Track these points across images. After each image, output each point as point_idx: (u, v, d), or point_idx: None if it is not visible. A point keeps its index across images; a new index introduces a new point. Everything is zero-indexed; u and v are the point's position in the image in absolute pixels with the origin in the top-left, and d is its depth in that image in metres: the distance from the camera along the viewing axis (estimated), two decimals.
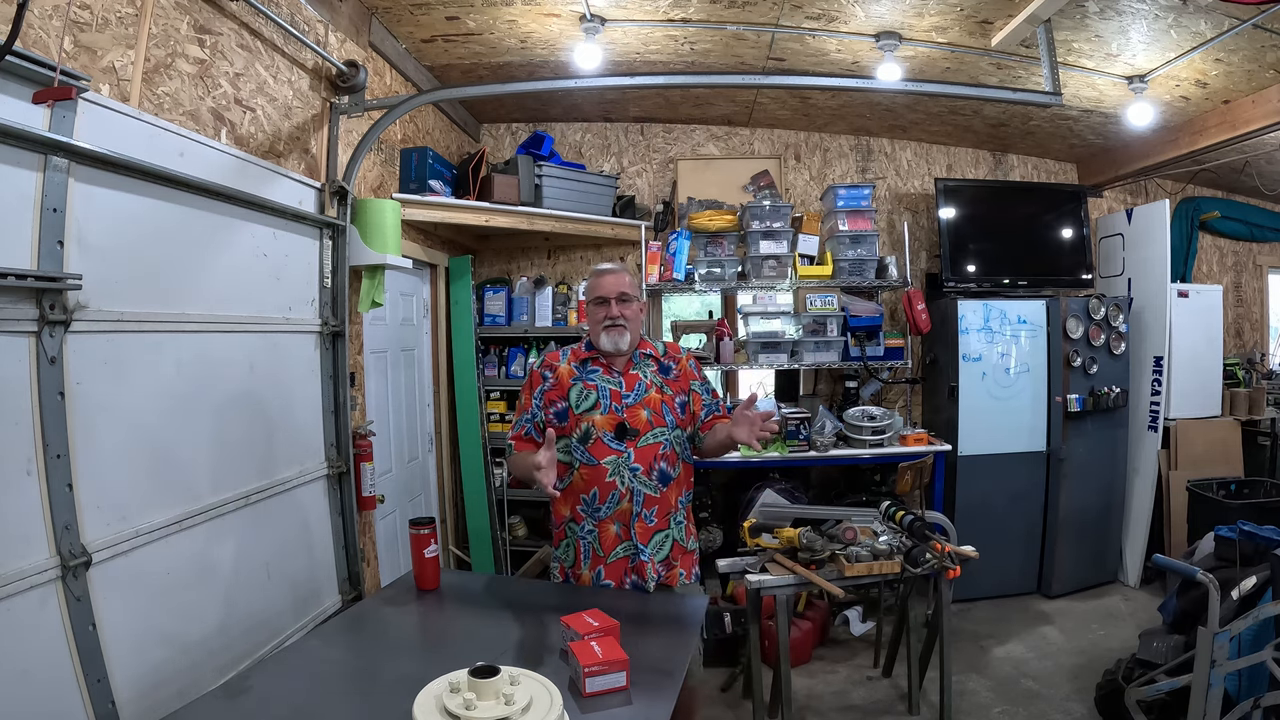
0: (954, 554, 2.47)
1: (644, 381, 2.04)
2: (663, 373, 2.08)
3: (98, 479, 1.61)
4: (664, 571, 2.02)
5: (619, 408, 2.00)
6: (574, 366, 2.06)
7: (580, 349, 2.10)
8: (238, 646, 2.04)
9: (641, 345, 2.10)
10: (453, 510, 4.05)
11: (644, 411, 2.01)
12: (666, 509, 2.02)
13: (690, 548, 2.10)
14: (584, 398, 2.02)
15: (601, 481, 1.97)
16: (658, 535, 2.02)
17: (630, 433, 1.98)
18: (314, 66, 2.53)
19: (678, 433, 2.06)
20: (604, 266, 2.14)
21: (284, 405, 2.35)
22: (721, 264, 3.99)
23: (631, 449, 1.98)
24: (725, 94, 3.95)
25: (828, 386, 4.42)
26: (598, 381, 2.03)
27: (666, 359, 2.11)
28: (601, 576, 2.00)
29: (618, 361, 2.05)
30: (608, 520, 1.99)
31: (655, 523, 2.01)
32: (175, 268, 1.89)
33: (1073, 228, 4.35)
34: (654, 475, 2.00)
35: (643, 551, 1.98)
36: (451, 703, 1.22)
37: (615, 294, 2.03)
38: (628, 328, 2.02)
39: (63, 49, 1.53)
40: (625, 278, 2.09)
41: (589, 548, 2.01)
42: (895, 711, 2.88)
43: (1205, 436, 4.09)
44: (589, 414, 2.00)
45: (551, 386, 2.05)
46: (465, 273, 3.95)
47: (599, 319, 2.03)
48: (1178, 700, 2.21)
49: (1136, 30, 2.87)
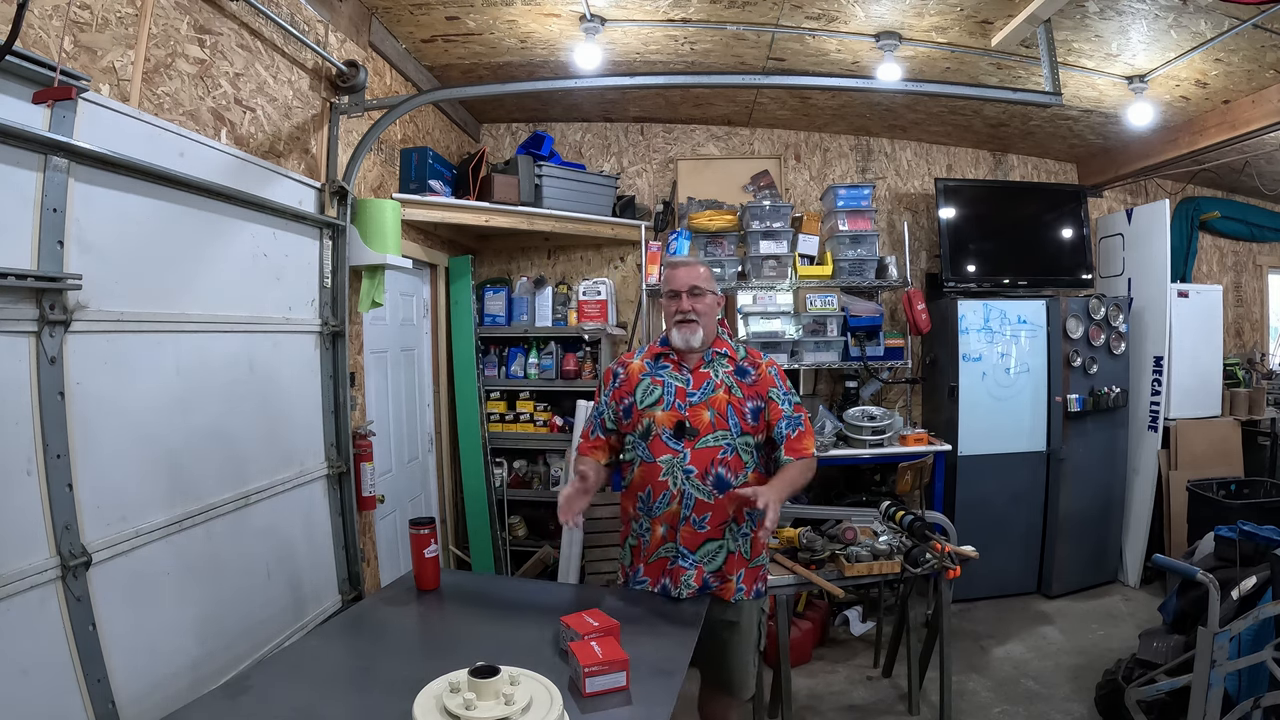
0: (954, 554, 2.47)
1: (714, 381, 1.95)
2: (738, 375, 1.98)
3: (98, 479, 1.61)
4: (716, 583, 1.93)
5: (682, 405, 1.93)
6: (645, 363, 2.02)
7: (655, 345, 2.05)
8: (238, 646, 2.03)
9: (717, 344, 2.01)
10: (453, 510, 4.05)
11: (707, 412, 1.92)
12: (722, 517, 1.91)
13: (756, 562, 2.00)
14: (649, 393, 1.97)
15: (655, 480, 1.92)
16: (709, 544, 1.92)
17: (690, 432, 1.91)
18: (314, 66, 2.53)
19: (745, 439, 1.94)
20: (678, 258, 2.04)
21: (284, 405, 2.35)
22: (721, 264, 3.99)
23: (689, 449, 1.90)
24: (725, 94, 3.95)
25: (828, 386, 4.42)
26: (665, 377, 1.97)
27: (746, 362, 2.01)
28: (640, 574, 1.97)
29: (689, 359, 1.98)
30: (657, 520, 1.94)
31: (707, 530, 1.91)
32: (175, 268, 1.89)
33: (1073, 228, 4.35)
34: (709, 480, 1.90)
35: (685, 557, 1.90)
36: (451, 703, 1.22)
37: (687, 287, 1.95)
38: (700, 323, 1.94)
39: (63, 49, 1.53)
40: (699, 270, 1.98)
41: (642, 546, 1.97)
42: (895, 711, 2.88)
43: (1205, 436, 4.09)
44: (651, 409, 1.95)
45: (621, 383, 2.02)
46: (465, 273, 3.95)
47: (671, 313, 1.97)
48: (1178, 700, 2.21)
49: (1136, 30, 2.87)
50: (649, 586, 1.96)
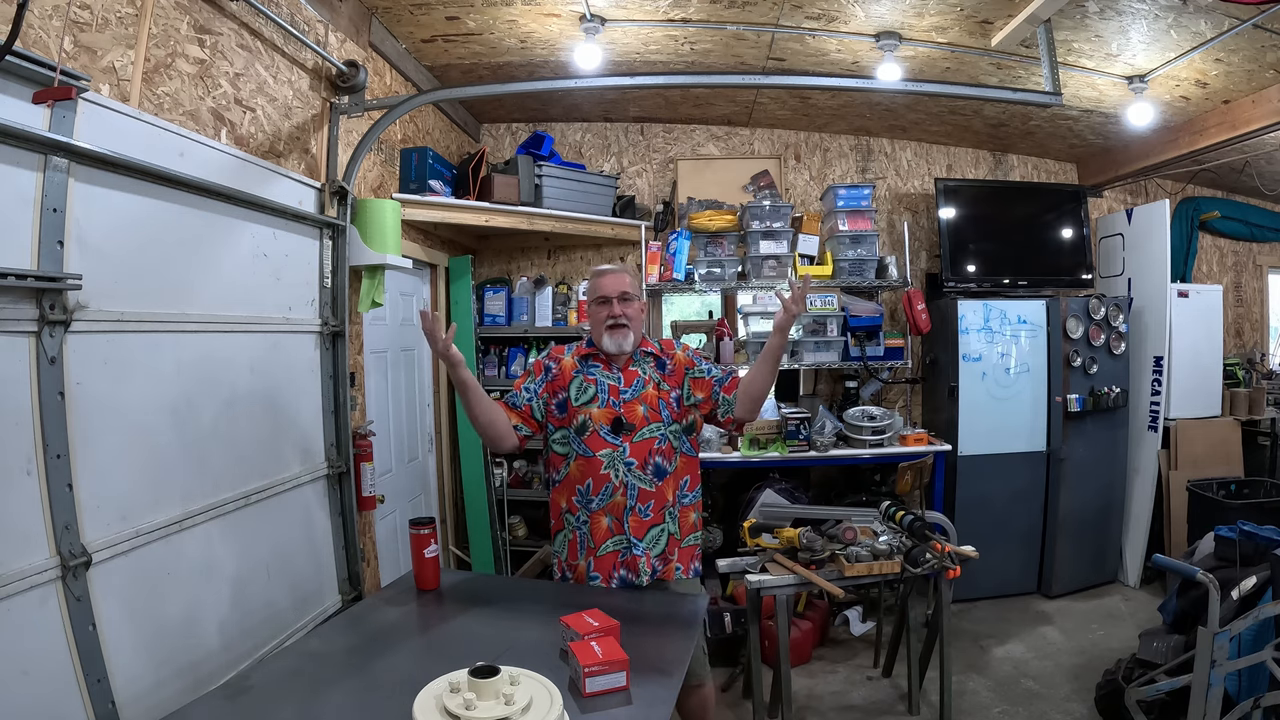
0: (954, 554, 2.47)
1: (642, 378, 2.07)
2: (659, 369, 2.11)
3: (98, 479, 1.61)
4: (660, 566, 2.04)
5: (616, 402, 2.03)
6: (577, 360, 2.10)
7: (582, 347, 2.13)
8: (238, 646, 2.03)
9: (642, 344, 2.12)
10: (453, 510, 4.05)
11: (640, 407, 2.04)
12: (662, 503, 2.04)
13: (688, 543, 2.11)
14: (583, 391, 2.05)
15: (596, 474, 2.00)
16: (653, 530, 2.03)
17: (626, 427, 2.01)
18: (314, 66, 2.53)
19: (674, 427, 2.07)
20: (604, 267, 2.15)
21: (284, 405, 2.35)
22: (721, 264, 3.99)
23: (627, 443, 2.00)
24: (725, 94, 3.95)
25: (828, 386, 4.42)
26: (597, 376, 2.07)
27: (663, 355, 2.13)
28: (591, 568, 2.02)
29: (618, 359, 2.08)
30: (599, 513, 2.01)
31: (651, 517, 2.03)
32: (175, 268, 1.89)
33: (1073, 228, 4.35)
34: (649, 469, 2.02)
35: (636, 546, 2.01)
36: (451, 703, 1.22)
37: (617, 293, 2.05)
38: (630, 327, 2.05)
39: (63, 49, 1.53)
40: (626, 277, 2.10)
41: (582, 539, 2.04)
42: (895, 711, 2.88)
43: (1205, 436, 4.09)
44: (586, 407, 2.03)
45: (555, 377, 2.09)
46: (465, 273, 3.95)
47: (601, 319, 2.06)
48: (1178, 700, 2.21)
49: (1136, 30, 2.87)
50: (601, 582, 2.02)
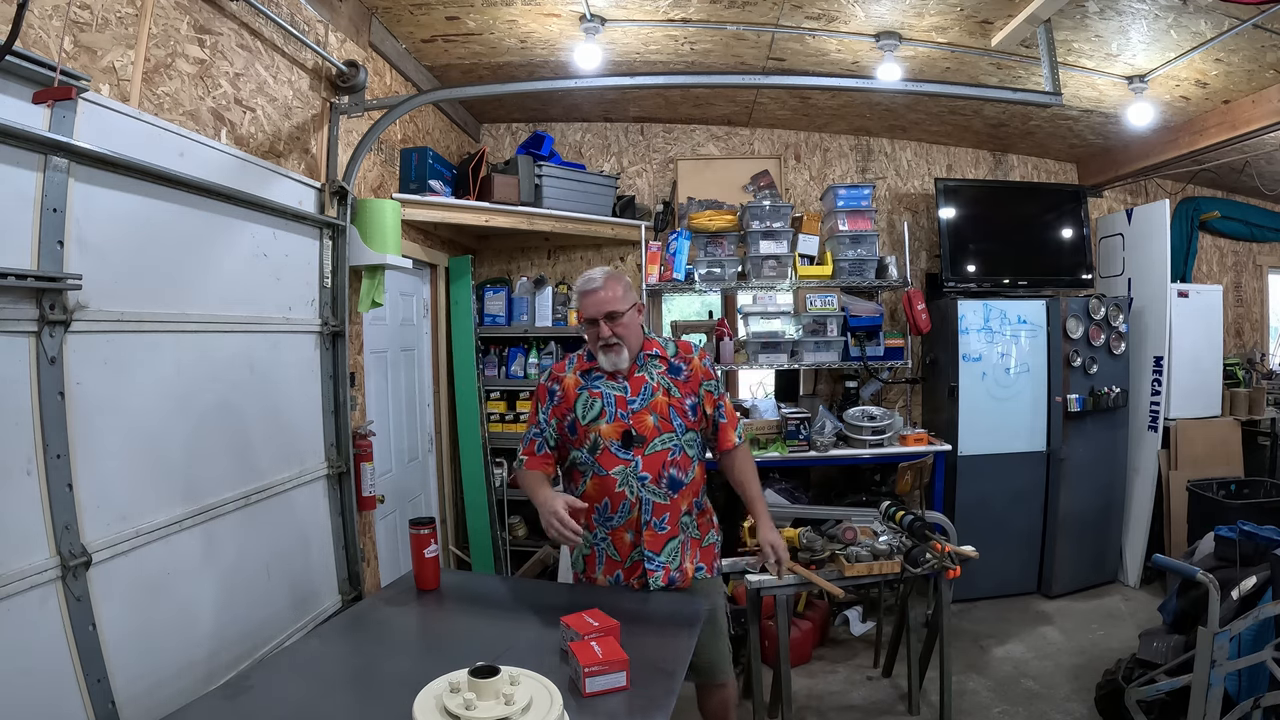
0: (954, 554, 2.47)
1: (650, 384, 1.98)
2: (672, 373, 2.01)
3: (98, 479, 1.61)
4: (678, 578, 1.98)
5: (624, 414, 1.95)
6: (579, 376, 2.02)
7: (583, 358, 2.05)
8: (238, 646, 2.03)
9: (647, 345, 2.02)
10: (453, 510, 4.05)
11: (650, 417, 1.95)
12: (678, 515, 1.99)
13: (708, 541, 2.08)
14: (590, 407, 1.97)
15: (611, 492, 1.95)
16: (671, 542, 1.98)
17: (637, 440, 1.94)
18: (314, 66, 2.53)
19: (689, 436, 2.00)
20: (589, 284, 1.96)
21: (284, 405, 2.35)
22: (721, 264, 3.99)
23: (639, 457, 1.94)
24: (725, 94, 3.95)
25: (828, 386, 4.42)
26: (603, 389, 1.98)
27: (677, 359, 2.03)
28: (620, 580, 2.00)
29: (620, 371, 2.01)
30: (621, 529, 1.97)
31: (667, 530, 1.97)
32: (175, 268, 1.89)
33: (1073, 228, 4.35)
34: (663, 483, 1.95)
35: (652, 560, 1.95)
36: (451, 703, 1.22)
37: (603, 314, 1.92)
38: (623, 344, 1.94)
39: (63, 49, 1.53)
40: (609, 293, 1.93)
41: (603, 554, 2.00)
42: (895, 711, 2.88)
43: (1205, 436, 4.09)
44: (595, 424, 1.96)
45: (559, 400, 2.01)
46: (465, 273, 3.95)
47: (592, 339, 1.98)
48: (1178, 700, 2.21)
49: (1136, 30, 2.87)
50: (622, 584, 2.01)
